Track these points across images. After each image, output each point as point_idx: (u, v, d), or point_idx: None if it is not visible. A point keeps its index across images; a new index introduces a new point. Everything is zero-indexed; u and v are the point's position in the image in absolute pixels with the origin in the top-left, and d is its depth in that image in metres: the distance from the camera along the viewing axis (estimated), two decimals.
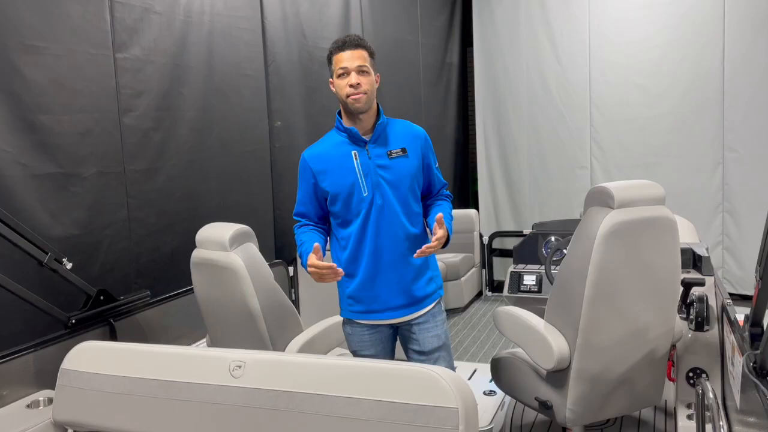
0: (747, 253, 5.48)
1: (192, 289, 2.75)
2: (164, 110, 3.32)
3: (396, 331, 2.41)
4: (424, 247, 2.17)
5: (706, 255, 2.87)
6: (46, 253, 2.44)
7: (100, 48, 2.95)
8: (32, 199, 2.65)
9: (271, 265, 3.87)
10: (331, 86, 2.31)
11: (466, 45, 6.90)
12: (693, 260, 2.93)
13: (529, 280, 3.38)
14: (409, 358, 2.40)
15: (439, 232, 2.18)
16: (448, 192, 2.52)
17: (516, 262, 3.55)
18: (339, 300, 2.42)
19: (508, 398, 3.19)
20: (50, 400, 2.24)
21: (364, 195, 2.26)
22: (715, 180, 5.60)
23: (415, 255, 2.19)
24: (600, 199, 2.25)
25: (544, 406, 2.40)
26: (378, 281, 2.29)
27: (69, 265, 2.55)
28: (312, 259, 2.12)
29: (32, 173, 2.65)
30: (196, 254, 2.61)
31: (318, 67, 4.56)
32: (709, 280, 2.68)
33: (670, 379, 2.61)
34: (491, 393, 3.34)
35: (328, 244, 2.40)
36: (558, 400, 2.34)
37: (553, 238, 3.50)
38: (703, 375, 2.46)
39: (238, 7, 3.83)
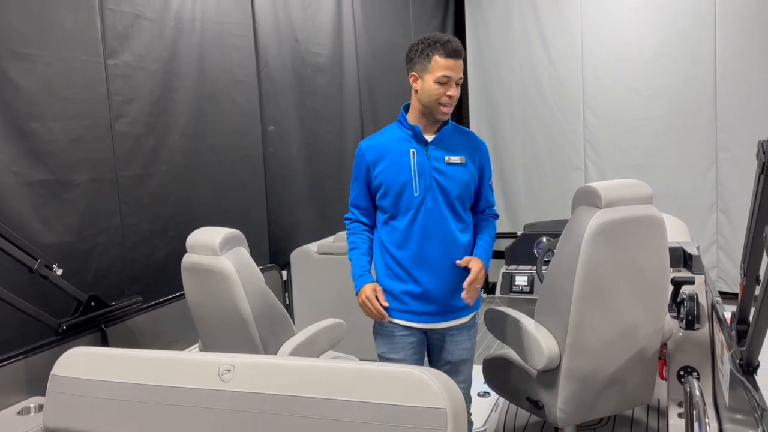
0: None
1: (184, 294, 2.75)
2: (156, 116, 3.33)
3: (427, 336, 2.37)
4: (466, 286, 2.22)
5: (697, 254, 2.88)
6: (36, 260, 2.44)
7: (91, 55, 2.95)
8: (24, 206, 2.65)
9: (264, 270, 3.87)
10: (412, 81, 2.27)
11: None
12: (683, 259, 2.94)
13: (521, 280, 3.39)
14: (433, 365, 2.39)
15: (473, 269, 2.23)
16: (495, 211, 2.48)
17: (508, 263, 3.56)
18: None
19: (502, 399, 3.19)
20: (41, 407, 2.23)
21: (415, 195, 2.24)
22: (708, 180, 5.62)
23: (463, 297, 2.22)
24: (587, 198, 2.26)
25: (535, 406, 2.40)
26: (419, 285, 2.27)
27: (59, 272, 2.55)
28: (370, 291, 2.24)
29: (24, 180, 2.65)
30: (187, 259, 2.62)
31: (311, 72, 4.57)
32: (699, 279, 2.69)
33: (662, 377, 2.61)
34: (485, 394, 3.34)
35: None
36: (549, 399, 2.34)
37: (544, 239, 3.51)
38: (694, 373, 2.47)
39: (229, 13, 3.84)
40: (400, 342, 2.31)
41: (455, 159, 2.27)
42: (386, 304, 2.18)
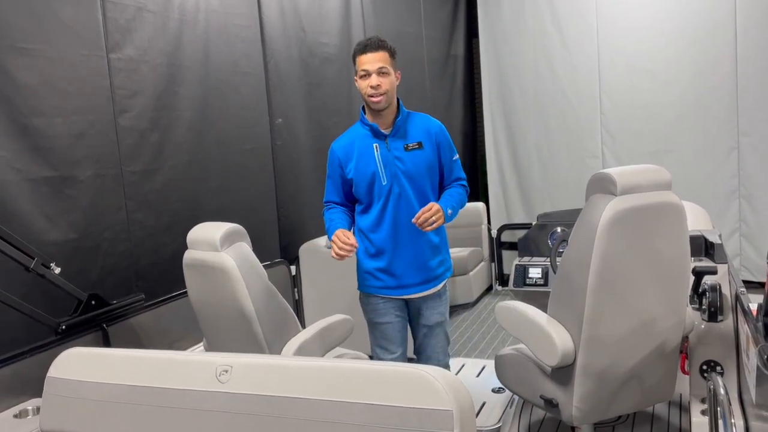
0: (766, 240, 5.33)
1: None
2: (160, 110, 3.28)
3: (406, 303, 2.69)
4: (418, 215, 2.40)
5: (719, 242, 2.76)
6: (33, 258, 2.39)
7: (93, 49, 2.91)
8: (28, 203, 2.62)
9: (273, 265, 3.82)
10: (356, 83, 2.55)
11: (472, 36, 6.80)
12: (705, 248, 2.82)
13: (535, 273, 3.29)
14: (413, 328, 2.73)
15: (432, 207, 2.41)
16: (464, 183, 2.73)
17: (521, 255, 3.46)
18: (357, 274, 2.69)
19: (517, 396, 3.11)
20: (39, 409, 2.20)
21: (383, 184, 2.53)
22: (730, 165, 5.46)
23: (413, 221, 2.41)
24: (602, 185, 2.16)
25: (550, 404, 2.31)
26: (394, 263, 2.58)
27: (57, 270, 2.50)
28: (339, 232, 2.38)
29: (27, 177, 2.62)
30: (188, 255, 2.56)
31: (319, 63, 4.50)
32: (722, 269, 2.57)
33: (683, 372, 2.51)
34: (500, 390, 3.27)
35: (353, 228, 2.67)
36: (564, 397, 2.26)
37: (559, 229, 3.41)
38: (717, 368, 2.36)
39: (234, 4, 3.78)
40: (382, 309, 2.64)
41: (413, 145, 2.56)
42: (355, 243, 2.39)
